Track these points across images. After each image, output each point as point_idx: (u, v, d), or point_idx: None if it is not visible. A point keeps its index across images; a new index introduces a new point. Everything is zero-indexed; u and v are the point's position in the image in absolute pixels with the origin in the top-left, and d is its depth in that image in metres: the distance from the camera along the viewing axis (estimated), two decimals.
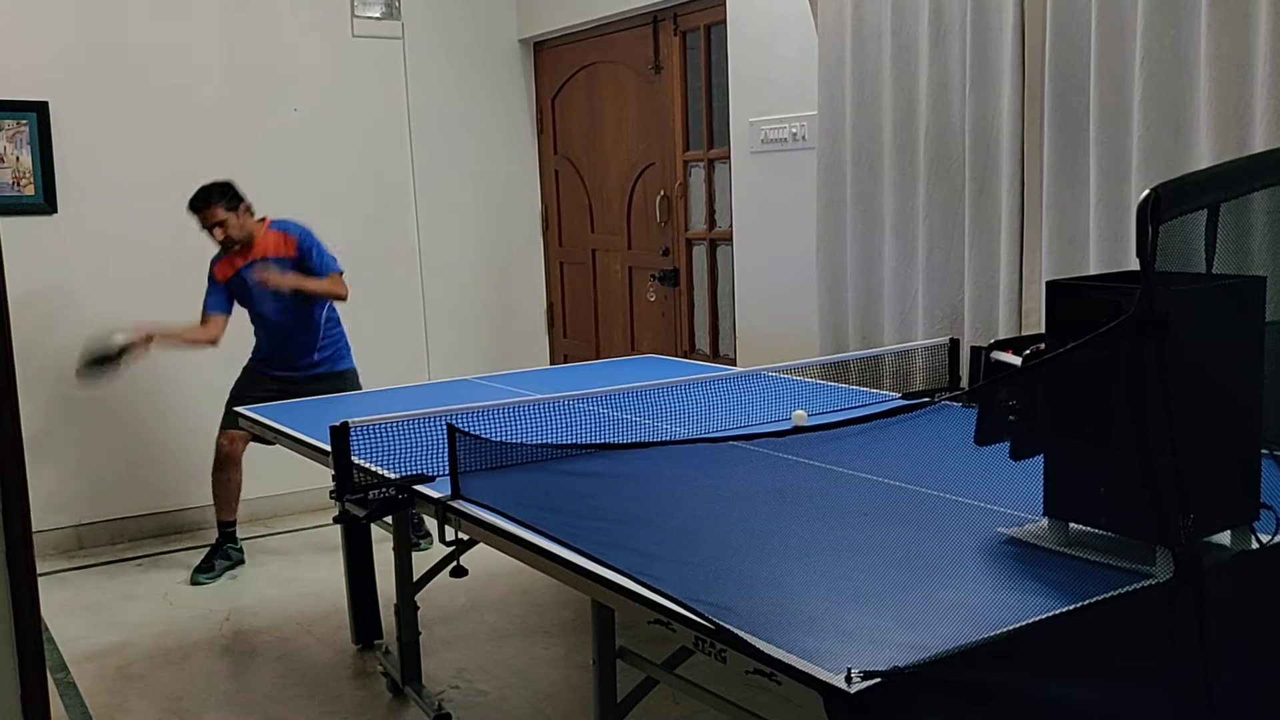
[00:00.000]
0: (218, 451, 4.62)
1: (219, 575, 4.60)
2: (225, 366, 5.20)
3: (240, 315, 4.65)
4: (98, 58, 4.89)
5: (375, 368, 5.52)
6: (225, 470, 4.63)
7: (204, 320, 4.55)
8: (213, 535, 4.75)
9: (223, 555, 4.66)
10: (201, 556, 4.67)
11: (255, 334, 4.68)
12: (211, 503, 4.73)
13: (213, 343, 4.57)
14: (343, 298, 4.53)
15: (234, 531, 4.73)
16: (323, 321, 4.63)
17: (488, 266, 5.89)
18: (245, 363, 4.72)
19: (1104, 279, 2.13)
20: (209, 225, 4.47)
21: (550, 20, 5.67)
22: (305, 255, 4.49)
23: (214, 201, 4.45)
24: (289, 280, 4.43)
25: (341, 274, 4.52)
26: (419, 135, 5.65)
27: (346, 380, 4.66)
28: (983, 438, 2.08)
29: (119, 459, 5.06)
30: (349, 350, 4.75)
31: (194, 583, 4.53)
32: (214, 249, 4.58)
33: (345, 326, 4.73)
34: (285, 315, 4.55)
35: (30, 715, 1.91)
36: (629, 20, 5.24)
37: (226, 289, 4.58)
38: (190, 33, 5.07)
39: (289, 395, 4.24)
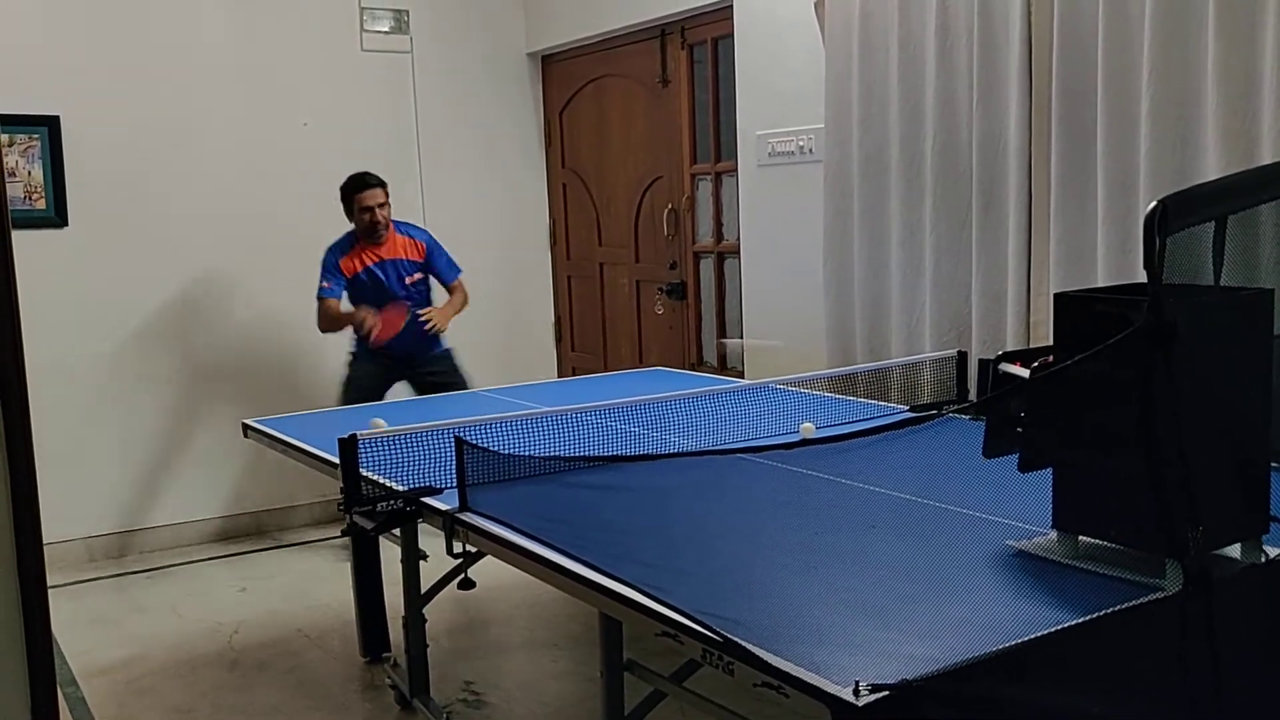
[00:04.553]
0: None
1: None
2: (233, 378, 5.23)
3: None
4: (109, 72, 4.91)
5: None
6: None
7: (324, 303, 4.69)
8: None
9: None
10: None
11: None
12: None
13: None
14: (466, 304, 4.84)
15: None
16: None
17: (496, 280, 5.89)
18: (350, 354, 4.83)
19: (1112, 291, 2.13)
20: (373, 205, 4.65)
21: (558, 34, 5.69)
22: (432, 259, 4.79)
23: (384, 185, 4.70)
24: (445, 319, 4.72)
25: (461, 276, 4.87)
26: (427, 148, 5.67)
27: (451, 356, 4.87)
28: (991, 451, 2.09)
29: (128, 472, 5.07)
30: None
31: None
32: (328, 238, 4.71)
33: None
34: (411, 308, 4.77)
35: None
36: (637, 33, 5.25)
37: (347, 281, 4.72)
38: (200, 47, 5.10)
39: (412, 376, 4.62)
